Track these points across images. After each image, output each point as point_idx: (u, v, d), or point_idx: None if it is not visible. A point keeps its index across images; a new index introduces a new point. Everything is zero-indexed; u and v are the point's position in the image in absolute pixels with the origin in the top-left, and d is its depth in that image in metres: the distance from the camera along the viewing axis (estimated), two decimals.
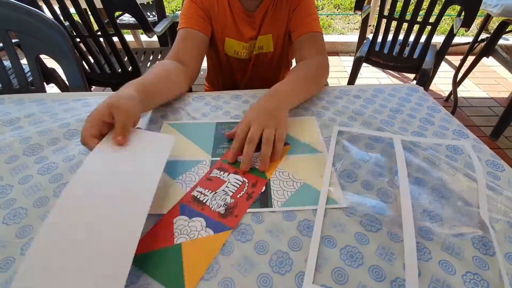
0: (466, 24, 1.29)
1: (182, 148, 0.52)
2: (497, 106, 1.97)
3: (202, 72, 0.79)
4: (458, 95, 1.88)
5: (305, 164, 0.49)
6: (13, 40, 0.77)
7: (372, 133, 0.55)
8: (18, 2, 0.72)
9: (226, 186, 0.44)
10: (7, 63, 0.81)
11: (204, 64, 0.93)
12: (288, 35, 0.81)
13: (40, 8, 1.10)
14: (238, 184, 0.45)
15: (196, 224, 0.39)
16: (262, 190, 0.44)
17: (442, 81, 2.25)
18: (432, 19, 1.35)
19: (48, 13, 1.12)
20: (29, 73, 0.82)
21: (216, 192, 0.43)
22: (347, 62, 2.55)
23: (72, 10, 1.11)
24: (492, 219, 0.39)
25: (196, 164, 0.49)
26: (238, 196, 0.43)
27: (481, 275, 0.33)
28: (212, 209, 0.41)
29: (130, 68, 1.31)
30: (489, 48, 1.64)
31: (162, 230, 0.38)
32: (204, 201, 0.42)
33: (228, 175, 0.46)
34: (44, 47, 0.77)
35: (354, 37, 2.73)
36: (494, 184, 0.44)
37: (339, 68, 2.46)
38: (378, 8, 1.45)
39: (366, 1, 1.51)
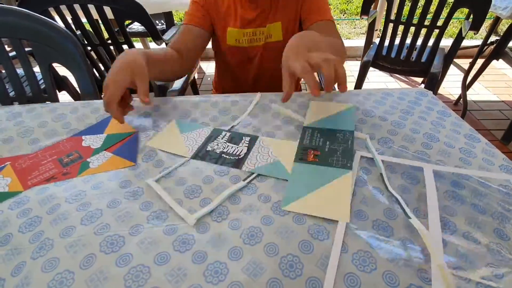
0: (475, 27, 1.28)
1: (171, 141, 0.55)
2: (508, 109, 1.94)
3: (209, 78, 0.80)
4: (468, 99, 1.85)
5: (285, 147, 0.53)
6: (26, 49, 0.80)
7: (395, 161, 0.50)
8: (31, 12, 0.75)
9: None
10: (19, 71, 0.83)
11: (212, 69, 0.94)
12: (299, 23, 0.80)
13: (52, 17, 1.13)
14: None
15: None
16: (241, 156, 0.50)
17: (451, 85, 2.23)
18: (440, 22, 1.34)
19: (60, 23, 1.15)
20: (42, 81, 0.84)
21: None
22: (354, 66, 2.54)
23: (83, 19, 1.14)
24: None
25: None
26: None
27: None
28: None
29: None
30: (499, 51, 1.61)
31: None
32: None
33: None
34: (57, 55, 0.79)
35: (360, 42, 2.73)
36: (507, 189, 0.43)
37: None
38: (384, 13, 1.44)
39: (372, 6, 1.51)
